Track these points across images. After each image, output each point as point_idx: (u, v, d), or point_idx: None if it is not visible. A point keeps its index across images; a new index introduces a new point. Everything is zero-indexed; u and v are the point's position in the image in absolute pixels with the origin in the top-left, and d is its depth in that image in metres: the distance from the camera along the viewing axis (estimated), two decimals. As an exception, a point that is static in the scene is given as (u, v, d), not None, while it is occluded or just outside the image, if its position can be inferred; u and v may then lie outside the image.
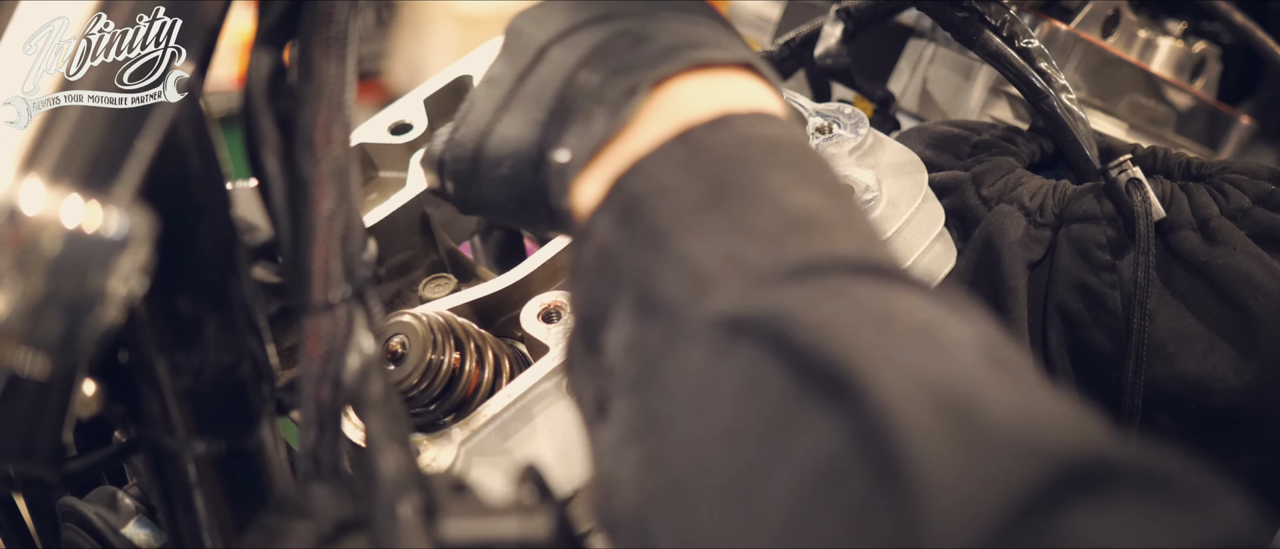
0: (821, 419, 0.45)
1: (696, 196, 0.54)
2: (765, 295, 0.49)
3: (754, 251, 0.51)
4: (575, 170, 0.58)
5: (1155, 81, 1.15)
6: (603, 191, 0.56)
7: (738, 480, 0.47)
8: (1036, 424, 0.43)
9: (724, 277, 0.51)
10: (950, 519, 0.40)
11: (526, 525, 0.54)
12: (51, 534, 0.91)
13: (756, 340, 0.48)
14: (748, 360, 0.48)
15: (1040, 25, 1.09)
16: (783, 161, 0.56)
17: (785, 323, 0.47)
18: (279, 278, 0.67)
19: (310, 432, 0.62)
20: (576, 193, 0.58)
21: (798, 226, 0.53)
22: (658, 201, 0.54)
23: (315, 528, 0.55)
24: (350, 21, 0.61)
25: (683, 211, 0.54)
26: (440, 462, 0.78)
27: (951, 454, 0.42)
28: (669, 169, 0.55)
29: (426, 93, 1.05)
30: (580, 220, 0.57)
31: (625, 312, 0.53)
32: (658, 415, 0.51)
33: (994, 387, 0.45)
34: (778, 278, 0.50)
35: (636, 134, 0.57)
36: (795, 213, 0.53)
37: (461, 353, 0.82)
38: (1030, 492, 0.41)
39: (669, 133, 0.56)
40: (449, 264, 1.00)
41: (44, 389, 0.56)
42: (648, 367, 0.51)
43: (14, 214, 0.50)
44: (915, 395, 0.44)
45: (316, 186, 0.61)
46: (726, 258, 0.51)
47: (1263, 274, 0.87)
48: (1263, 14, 1.13)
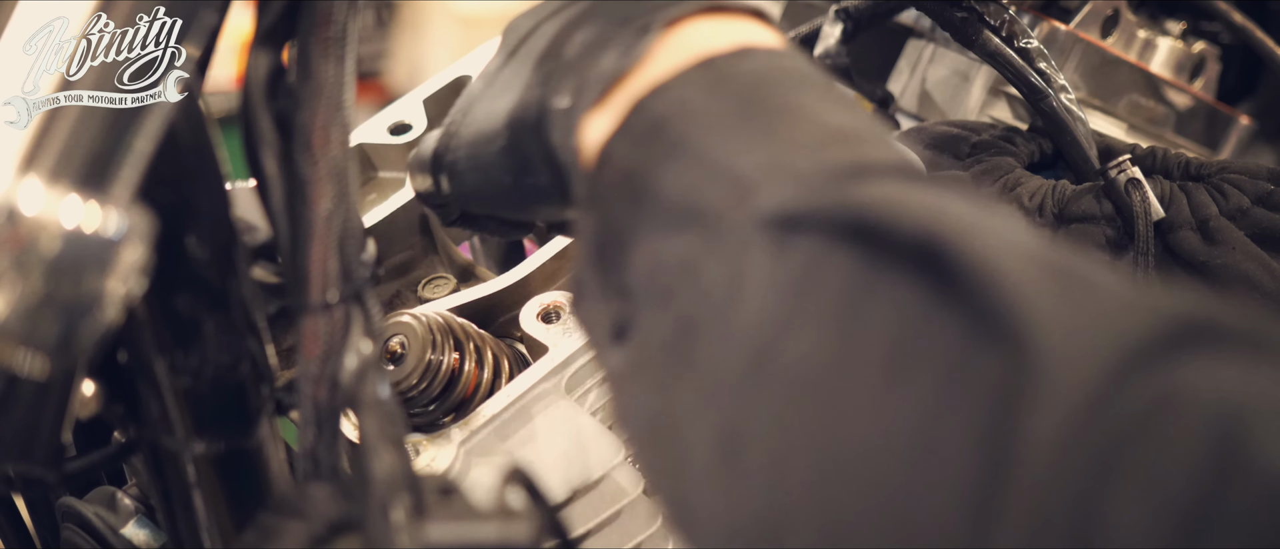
0: (902, 287, 0.43)
1: (727, 114, 0.53)
2: (818, 191, 0.48)
3: (798, 159, 0.50)
4: (585, 107, 0.56)
5: (1155, 81, 1.15)
6: (618, 120, 0.55)
7: (801, 365, 0.45)
8: (1139, 285, 0.42)
9: (769, 180, 0.49)
10: (1062, 366, 0.39)
11: (507, 530, 0.54)
12: (51, 534, 0.91)
13: (814, 230, 0.47)
14: (805, 251, 0.47)
15: (1039, 25, 1.09)
16: (811, 87, 0.55)
17: (848, 209, 0.46)
18: (278, 278, 0.67)
19: (308, 432, 0.62)
20: (585, 133, 0.56)
21: (837, 139, 0.51)
22: (685, 120, 0.53)
23: (309, 528, 0.55)
24: (350, 21, 0.61)
25: (714, 127, 0.52)
26: (439, 462, 0.78)
27: (1058, 304, 0.40)
28: (694, 91, 0.54)
29: (426, 93, 1.05)
30: (589, 159, 0.56)
31: (651, 229, 0.52)
32: (695, 321, 0.49)
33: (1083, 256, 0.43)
34: (827, 178, 0.49)
35: (651, 67, 0.55)
36: (833, 128, 0.52)
37: (461, 353, 0.82)
38: (1143, 341, 0.39)
39: (689, 62, 0.55)
40: (449, 264, 1.00)
41: (43, 389, 0.56)
42: (682, 276, 0.50)
43: (13, 214, 0.50)
44: (1011, 252, 0.42)
45: (315, 187, 0.61)
46: (769, 165, 0.50)
47: (1262, 274, 0.87)
48: (1263, 14, 1.13)
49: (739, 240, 0.49)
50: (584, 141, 0.56)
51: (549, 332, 0.84)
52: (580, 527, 0.80)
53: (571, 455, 0.80)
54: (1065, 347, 0.39)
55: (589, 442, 0.80)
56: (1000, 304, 0.41)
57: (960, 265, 0.42)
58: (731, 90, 0.53)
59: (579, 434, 0.81)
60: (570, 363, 0.83)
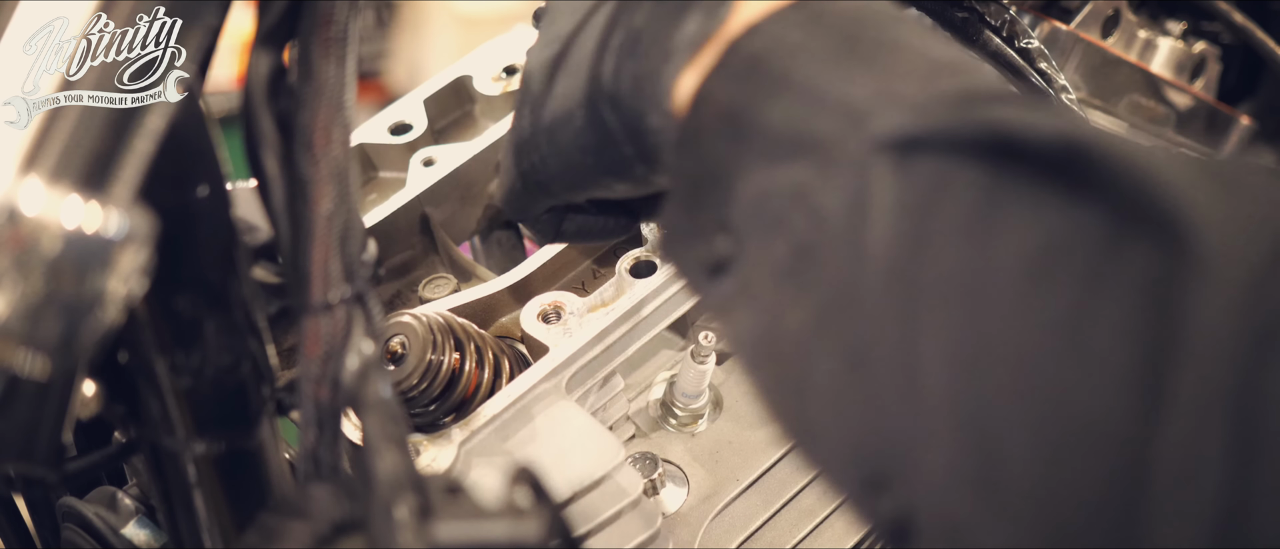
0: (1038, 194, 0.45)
1: (828, 48, 0.53)
2: (937, 115, 0.49)
3: (907, 87, 0.51)
4: (677, 70, 0.57)
5: (1155, 81, 1.15)
6: (711, 63, 0.56)
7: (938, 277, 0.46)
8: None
9: (881, 108, 0.50)
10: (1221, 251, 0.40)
11: (517, 528, 0.54)
12: (51, 534, 0.91)
13: (938, 150, 0.47)
14: (930, 171, 0.47)
15: (1040, 25, 1.09)
16: (906, 22, 0.56)
17: (974, 127, 0.47)
18: (279, 278, 0.67)
19: (309, 432, 0.62)
20: (677, 91, 0.57)
21: (944, 69, 0.52)
22: (786, 55, 0.54)
23: (312, 529, 0.55)
24: (350, 22, 0.61)
25: (818, 60, 0.53)
26: (440, 462, 0.78)
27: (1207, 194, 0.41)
28: (790, 28, 0.55)
29: (426, 93, 1.05)
30: (682, 107, 0.57)
31: (757, 162, 0.53)
32: (813, 244, 0.50)
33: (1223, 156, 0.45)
34: (944, 104, 0.50)
35: (736, 18, 0.56)
36: (936, 59, 0.53)
37: (461, 353, 0.82)
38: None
39: (779, 4, 0.55)
40: (449, 264, 1.00)
41: (44, 390, 0.56)
42: (795, 203, 0.51)
43: (14, 214, 0.50)
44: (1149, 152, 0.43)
45: (316, 187, 0.61)
46: (879, 93, 0.51)
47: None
48: (1263, 14, 1.13)
49: (856, 166, 0.49)
50: (677, 98, 0.57)
51: (549, 331, 0.84)
52: (581, 527, 0.80)
53: (571, 455, 0.79)
54: (1222, 232, 0.40)
55: (589, 442, 0.80)
56: (1148, 196, 0.42)
57: (1103, 165, 0.43)
58: (829, 26, 0.54)
59: (579, 434, 0.81)
60: (570, 363, 0.83)
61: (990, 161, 0.46)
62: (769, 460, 0.87)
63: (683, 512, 0.86)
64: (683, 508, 0.86)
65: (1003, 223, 0.45)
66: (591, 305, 0.85)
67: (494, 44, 1.09)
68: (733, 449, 0.88)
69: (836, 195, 0.50)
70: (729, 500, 0.86)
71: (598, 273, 0.94)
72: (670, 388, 0.90)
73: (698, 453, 0.88)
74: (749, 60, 0.54)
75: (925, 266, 0.47)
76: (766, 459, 0.87)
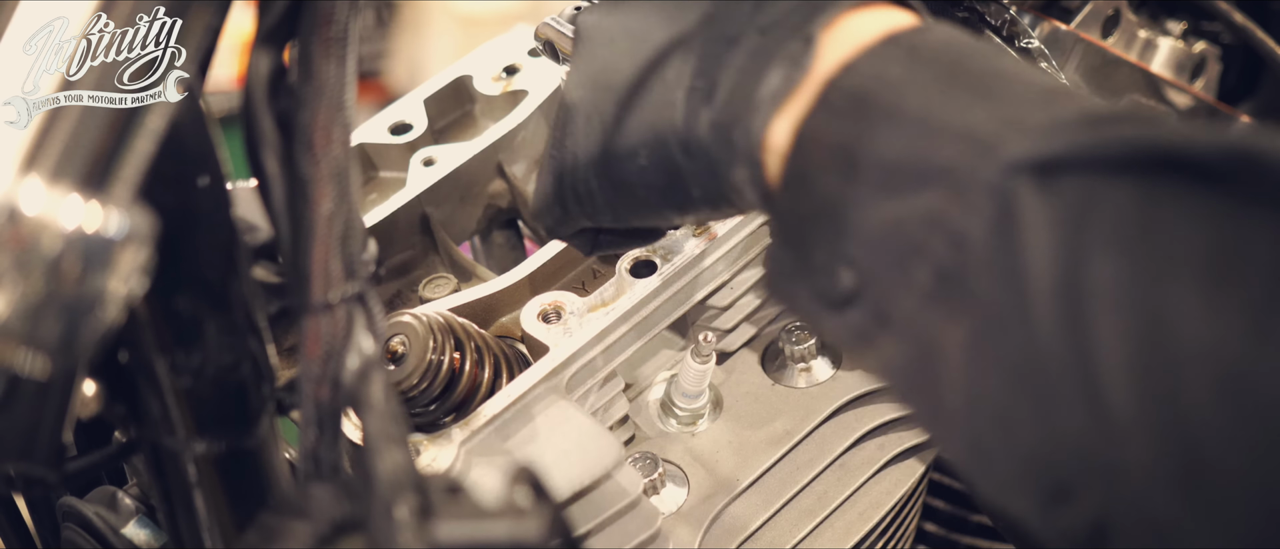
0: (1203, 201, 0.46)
1: (933, 80, 0.54)
2: (1071, 136, 0.50)
3: (1026, 114, 0.52)
4: (768, 117, 0.58)
5: (1155, 81, 1.15)
6: (809, 105, 0.56)
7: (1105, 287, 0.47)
8: None
9: (1008, 134, 0.51)
10: None
11: (518, 528, 0.54)
12: (51, 534, 0.91)
13: (1082, 170, 0.49)
14: (1076, 190, 0.48)
15: (1040, 25, 1.09)
16: (1000, 54, 0.57)
17: (1118, 146, 0.48)
18: (279, 278, 0.67)
19: (310, 432, 0.62)
20: (770, 138, 0.58)
21: (1055, 95, 0.53)
22: (892, 89, 0.55)
23: (313, 528, 0.55)
24: (350, 21, 0.61)
25: (926, 92, 0.54)
26: (440, 462, 0.78)
27: None
28: (889, 64, 0.56)
29: (426, 93, 1.05)
30: (779, 155, 0.58)
31: (875, 195, 0.54)
32: (957, 268, 0.51)
33: None
34: (1070, 127, 0.51)
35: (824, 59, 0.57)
36: (1043, 87, 0.54)
37: (461, 353, 0.82)
38: None
39: (870, 42, 0.56)
40: (449, 264, 1.00)
41: (44, 389, 0.56)
42: (930, 231, 0.52)
43: (14, 214, 0.50)
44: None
45: (316, 187, 0.61)
46: (1002, 120, 0.52)
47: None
48: (1263, 14, 1.13)
49: (992, 190, 0.50)
50: (769, 144, 0.58)
51: (549, 331, 0.84)
52: (581, 527, 0.80)
53: (571, 455, 0.79)
54: None
55: (589, 442, 0.80)
56: None
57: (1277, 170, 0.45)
58: (928, 60, 0.55)
59: (579, 434, 0.81)
60: (570, 363, 0.83)
61: (1139, 175, 0.48)
62: (769, 460, 0.87)
63: (683, 512, 0.86)
64: (683, 508, 0.86)
65: (1165, 230, 0.47)
66: (591, 305, 0.85)
67: (494, 44, 1.09)
68: (733, 449, 0.88)
69: (976, 219, 0.50)
70: (729, 500, 0.86)
71: (598, 273, 0.94)
72: (670, 388, 0.90)
73: (698, 453, 0.88)
74: (852, 97, 0.55)
75: (1089, 278, 0.47)
76: (766, 459, 0.87)
